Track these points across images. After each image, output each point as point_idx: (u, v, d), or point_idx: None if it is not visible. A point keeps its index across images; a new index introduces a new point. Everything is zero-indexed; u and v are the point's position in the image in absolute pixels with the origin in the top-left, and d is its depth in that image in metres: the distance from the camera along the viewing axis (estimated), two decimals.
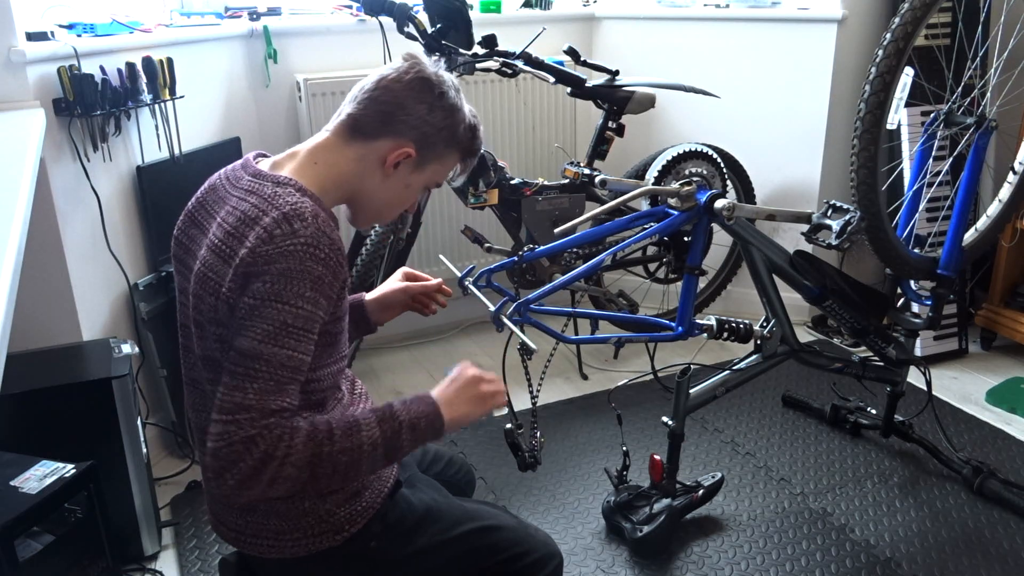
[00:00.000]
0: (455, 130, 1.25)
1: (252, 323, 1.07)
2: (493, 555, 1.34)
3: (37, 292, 2.02)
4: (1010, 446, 2.47)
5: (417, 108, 1.21)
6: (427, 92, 1.21)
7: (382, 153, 1.21)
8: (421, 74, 1.21)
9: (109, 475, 1.84)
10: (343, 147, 1.22)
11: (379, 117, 1.20)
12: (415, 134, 1.22)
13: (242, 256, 1.08)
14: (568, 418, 2.66)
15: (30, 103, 1.93)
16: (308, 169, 1.20)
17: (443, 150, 1.25)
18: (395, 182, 1.24)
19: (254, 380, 1.06)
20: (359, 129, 1.21)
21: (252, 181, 1.18)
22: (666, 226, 1.99)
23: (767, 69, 3.10)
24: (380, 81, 1.22)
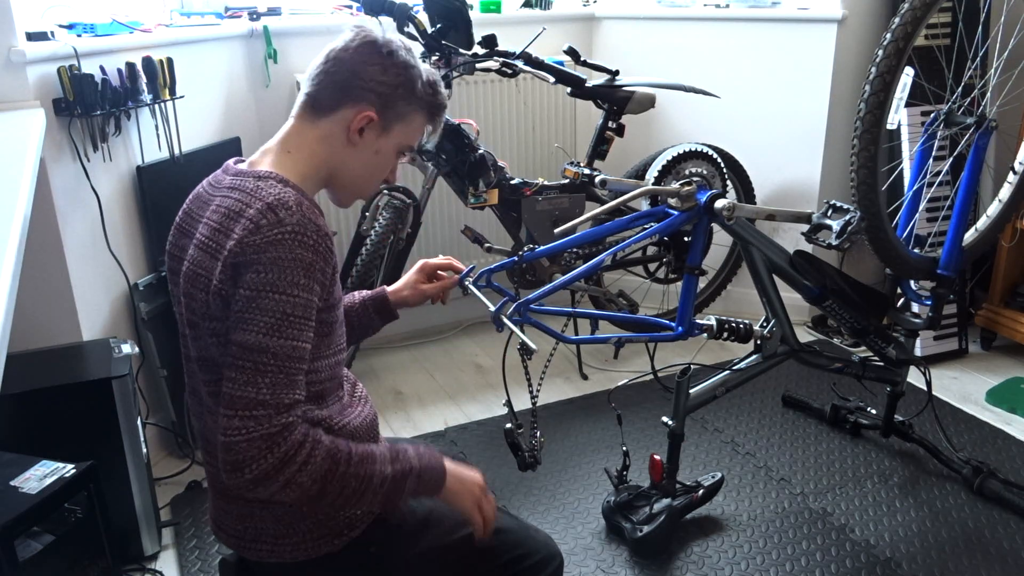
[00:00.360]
0: (412, 86, 1.23)
1: (252, 315, 1.07)
2: (495, 558, 1.34)
3: (37, 292, 2.02)
4: (1010, 446, 2.47)
5: (369, 70, 1.20)
6: (376, 54, 1.20)
7: (345, 123, 1.21)
8: (367, 38, 1.21)
9: (109, 475, 1.84)
10: (309, 128, 1.22)
11: (335, 88, 1.20)
12: (372, 96, 1.21)
13: (230, 248, 1.09)
14: (568, 418, 2.66)
15: (30, 103, 1.93)
16: (284, 159, 1.21)
17: (405, 108, 1.24)
18: (364, 150, 1.24)
19: (264, 374, 1.06)
20: (318, 106, 1.21)
21: (233, 179, 1.19)
22: (666, 226, 1.99)
23: (767, 69, 3.10)
24: (329, 54, 1.22)
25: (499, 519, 1.39)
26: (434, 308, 3.32)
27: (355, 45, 1.21)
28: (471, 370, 3.01)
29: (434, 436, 2.57)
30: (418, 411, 2.71)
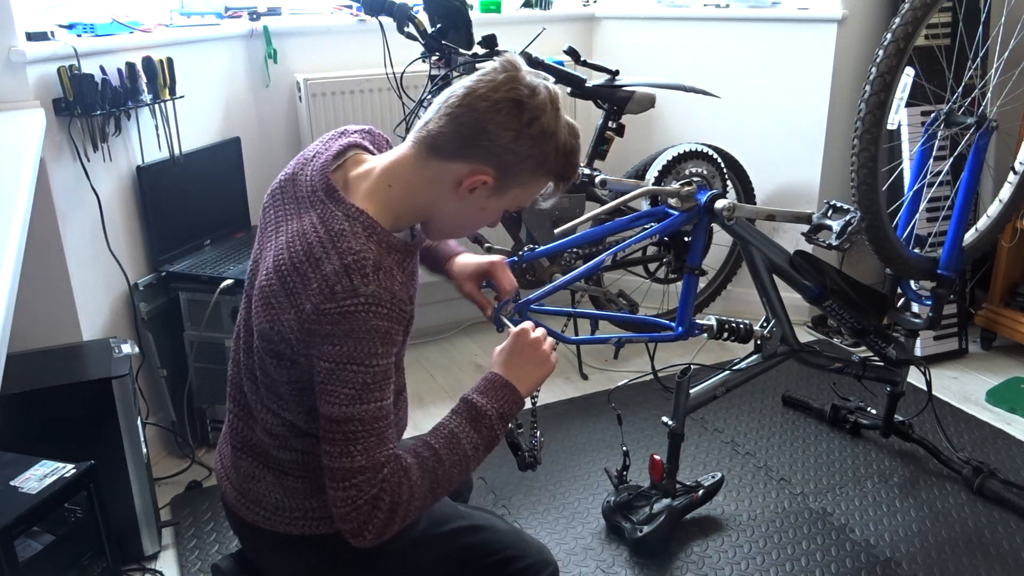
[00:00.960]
0: (544, 158, 1.14)
1: (333, 387, 1.08)
2: (486, 555, 1.34)
3: (37, 292, 2.02)
4: (1010, 446, 2.47)
5: (501, 135, 1.10)
6: (515, 117, 1.10)
7: (458, 176, 1.13)
8: (513, 93, 1.10)
9: (109, 475, 1.84)
10: (419, 166, 1.15)
11: (458, 139, 1.11)
12: (495, 161, 1.12)
13: (308, 312, 1.08)
14: (568, 418, 2.66)
15: (30, 103, 1.93)
16: (381, 193, 1.15)
17: (527, 176, 1.16)
18: (470, 206, 1.17)
19: (355, 442, 1.09)
20: (436, 148, 1.13)
21: (324, 204, 1.14)
22: (666, 226, 1.99)
23: (767, 69, 3.10)
24: (466, 96, 1.11)
25: (491, 520, 1.40)
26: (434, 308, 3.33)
27: (497, 97, 1.10)
28: (471, 370, 3.01)
29: None
30: (418, 411, 2.71)
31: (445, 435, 1.17)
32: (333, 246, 1.09)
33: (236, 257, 2.47)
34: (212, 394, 2.40)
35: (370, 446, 1.09)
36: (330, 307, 1.06)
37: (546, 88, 1.13)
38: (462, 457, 1.16)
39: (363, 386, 1.08)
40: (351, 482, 1.08)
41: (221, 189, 2.65)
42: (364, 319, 1.06)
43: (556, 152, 1.15)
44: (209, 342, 2.34)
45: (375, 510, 1.09)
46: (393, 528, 1.11)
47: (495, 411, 1.19)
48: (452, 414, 1.20)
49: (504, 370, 1.24)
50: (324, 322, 1.07)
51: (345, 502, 1.09)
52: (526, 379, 1.24)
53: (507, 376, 1.23)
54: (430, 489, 1.14)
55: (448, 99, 1.13)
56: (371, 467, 1.09)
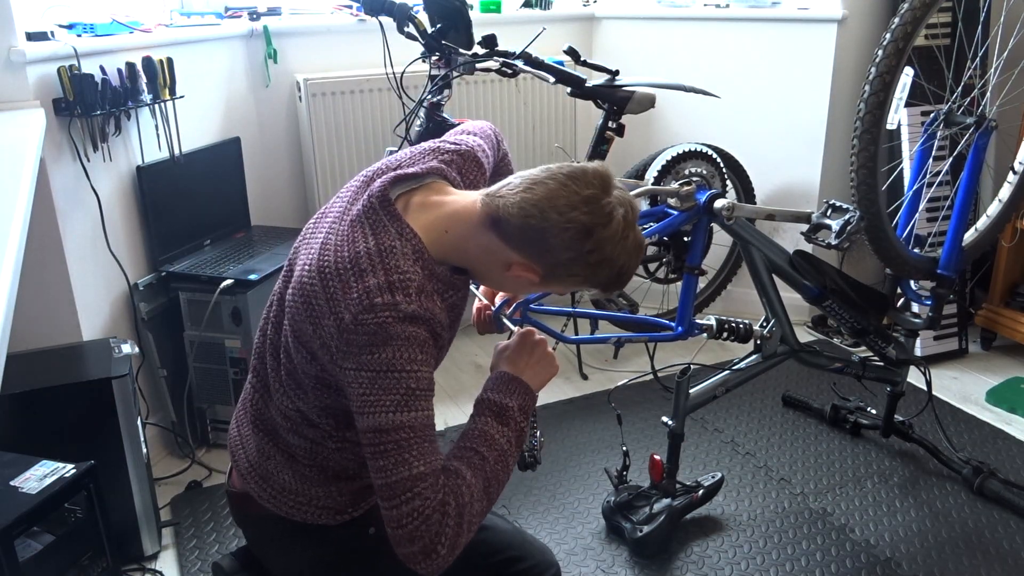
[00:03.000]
0: (593, 279, 1.16)
1: (377, 398, 1.06)
2: (489, 555, 1.34)
3: (37, 292, 2.02)
4: (1010, 446, 2.47)
5: (561, 253, 1.11)
6: (580, 242, 1.10)
7: (509, 260, 1.15)
8: (587, 219, 1.09)
9: (109, 475, 1.84)
10: (479, 229, 1.15)
11: (522, 235, 1.11)
12: (547, 268, 1.14)
13: (347, 322, 1.08)
14: (568, 418, 2.66)
15: (30, 103, 1.93)
16: (437, 232, 1.15)
17: (572, 284, 1.20)
18: (510, 283, 1.20)
19: (409, 449, 1.06)
20: (500, 228, 1.13)
21: (380, 216, 1.14)
22: (666, 226, 1.99)
23: (767, 69, 3.10)
24: (545, 199, 1.09)
25: (495, 521, 1.40)
26: None
27: (570, 216, 1.08)
28: (471, 370, 3.01)
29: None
30: None
31: (478, 435, 1.16)
32: (381, 261, 1.10)
33: (236, 257, 2.47)
34: (212, 394, 2.40)
35: (425, 452, 1.06)
36: (368, 318, 1.06)
37: (623, 216, 1.12)
38: (501, 453, 1.15)
39: (409, 392, 1.07)
40: (415, 491, 1.05)
41: (221, 189, 2.65)
42: (401, 328, 1.06)
43: (608, 276, 1.16)
44: (209, 342, 2.34)
45: (445, 517, 1.06)
46: (462, 539, 1.08)
47: (516, 405, 1.19)
48: (475, 417, 1.20)
49: (513, 368, 1.24)
50: (361, 332, 1.06)
51: (411, 516, 1.04)
52: (534, 378, 1.24)
53: (516, 374, 1.23)
54: (484, 489, 1.12)
55: (530, 190, 1.11)
56: (431, 473, 1.06)
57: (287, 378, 1.21)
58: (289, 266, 1.25)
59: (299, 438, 1.23)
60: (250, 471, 1.28)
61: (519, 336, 1.28)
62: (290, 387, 1.21)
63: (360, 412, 1.08)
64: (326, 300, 1.11)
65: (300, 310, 1.15)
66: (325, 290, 1.11)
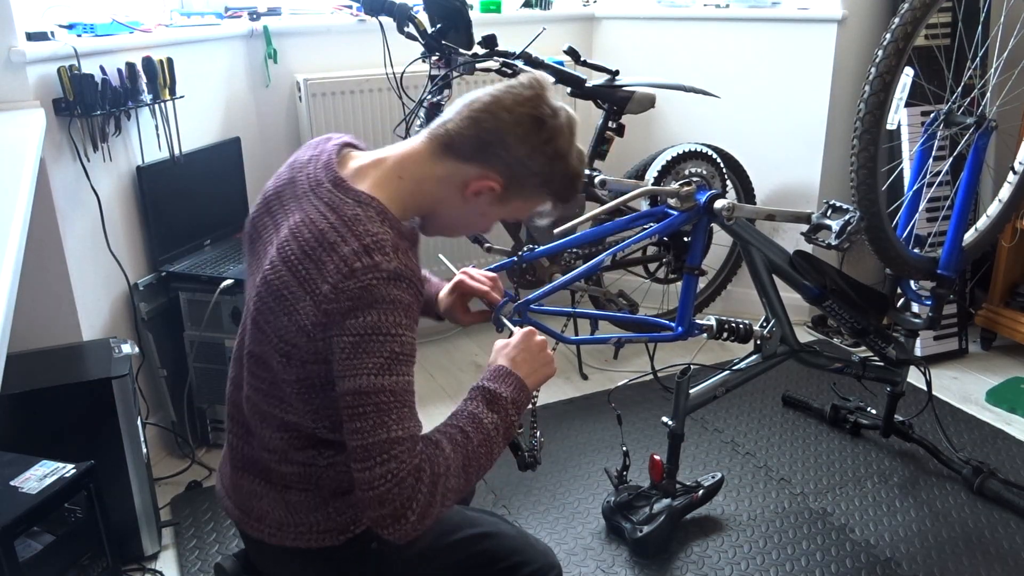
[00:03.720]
0: (551, 177, 1.18)
1: (360, 359, 1.05)
2: (493, 562, 1.34)
3: (37, 292, 2.02)
4: (1010, 446, 2.47)
5: (518, 147, 1.14)
6: (534, 134, 1.14)
7: (467, 178, 1.16)
8: (537, 111, 1.14)
9: (109, 475, 1.84)
10: (432, 162, 1.17)
11: (476, 143, 1.14)
12: (506, 170, 1.16)
13: (325, 292, 1.06)
14: (568, 418, 2.66)
15: (30, 103, 1.93)
16: (392, 184, 1.16)
17: (531, 191, 1.20)
18: (472, 209, 1.20)
19: (388, 412, 1.05)
20: (452, 147, 1.16)
21: (332, 193, 1.14)
22: (666, 226, 1.99)
23: (767, 69, 3.10)
24: (491, 104, 1.14)
25: (499, 525, 1.40)
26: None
27: (521, 111, 1.14)
28: (471, 370, 3.01)
29: None
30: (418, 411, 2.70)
31: (466, 416, 1.16)
32: (349, 230, 1.09)
33: (236, 257, 2.47)
34: (212, 394, 2.40)
35: (403, 417, 1.06)
36: (350, 284, 1.05)
37: (568, 114, 1.17)
38: (486, 437, 1.15)
39: (392, 356, 1.06)
40: (390, 453, 1.04)
41: (221, 189, 2.65)
42: (387, 291, 1.05)
43: (563, 174, 1.19)
44: (209, 342, 2.34)
45: (419, 483, 1.05)
46: (434, 509, 1.07)
47: (508, 395, 1.19)
48: (467, 401, 1.19)
49: (511, 364, 1.24)
50: (344, 299, 1.05)
51: (384, 478, 1.03)
52: (531, 377, 1.24)
53: (514, 370, 1.23)
54: (463, 466, 1.11)
55: (472, 103, 1.15)
56: (409, 438, 1.06)
57: (265, 401, 1.19)
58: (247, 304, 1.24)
59: (290, 464, 1.22)
60: (244, 519, 1.28)
61: (521, 335, 1.28)
62: (273, 407, 1.19)
63: (341, 376, 1.07)
64: (299, 284, 1.09)
65: (272, 308, 1.13)
66: (296, 276, 1.10)
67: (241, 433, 1.28)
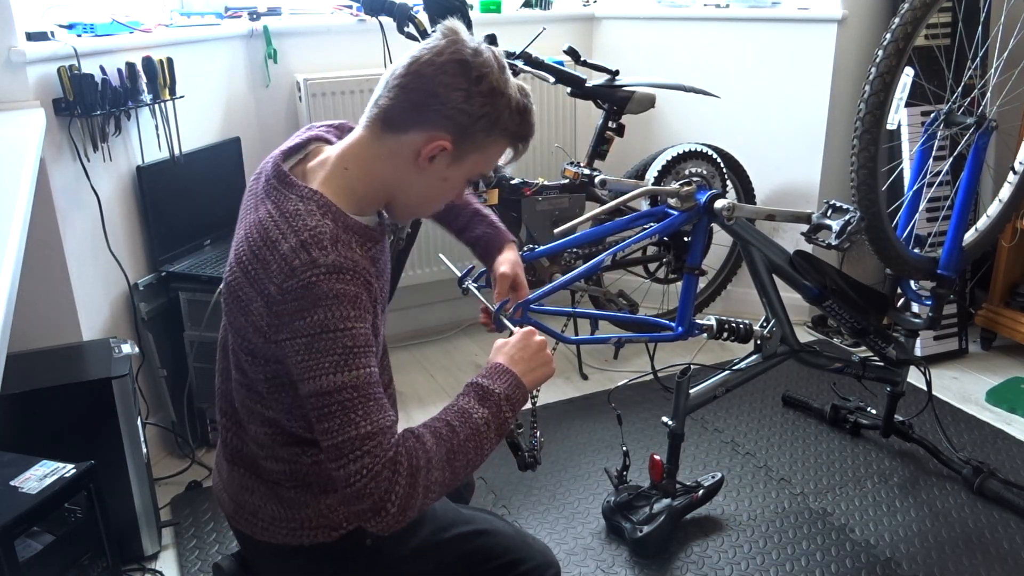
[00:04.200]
0: (497, 116, 1.12)
1: (315, 360, 1.04)
2: (488, 559, 1.34)
3: (37, 292, 2.02)
4: (1010, 446, 2.47)
5: (451, 96, 1.09)
6: (462, 76, 1.09)
7: (415, 147, 1.11)
8: (457, 55, 1.09)
9: (109, 475, 1.84)
10: (374, 143, 1.13)
11: (410, 107, 1.10)
12: (450, 124, 1.10)
13: (272, 294, 1.06)
14: (568, 418, 2.66)
15: (30, 103, 1.93)
16: (338, 177, 1.14)
17: (484, 138, 1.14)
18: (431, 177, 1.15)
19: (354, 409, 1.04)
20: (389, 122, 1.12)
21: (280, 190, 1.13)
22: (666, 226, 1.99)
23: (767, 69, 3.10)
24: (411, 65, 1.10)
25: (495, 523, 1.39)
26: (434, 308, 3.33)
27: (441, 61, 1.09)
28: (471, 370, 3.01)
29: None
30: (418, 411, 2.70)
31: (455, 411, 1.14)
32: (288, 226, 1.08)
33: None
34: (212, 394, 2.36)
35: (370, 410, 1.04)
36: (292, 283, 1.04)
37: (489, 49, 1.13)
38: (474, 431, 1.12)
39: (346, 351, 1.04)
40: (363, 449, 1.02)
41: (221, 189, 2.65)
42: (328, 286, 1.04)
43: (509, 110, 1.14)
44: (209, 342, 2.34)
45: (395, 475, 1.03)
46: (415, 500, 1.05)
47: (502, 392, 1.17)
48: (458, 396, 1.18)
49: (509, 363, 1.22)
50: (289, 299, 1.05)
51: (359, 473, 1.02)
52: (529, 376, 1.23)
53: (511, 368, 1.22)
54: (447, 459, 1.09)
55: (394, 71, 1.12)
56: (379, 431, 1.04)
57: (248, 394, 1.20)
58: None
59: (277, 462, 1.22)
60: (237, 512, 1.28)
61: (520, 334, 1.27)
62: (254, 402, 1.20)
63: (301, 379, 1.06)
64: (250, 284, 1.09)
65: (232, 308, 1.14)
66: (247, 276, 1.10)
67: (231, 426, 1.28)
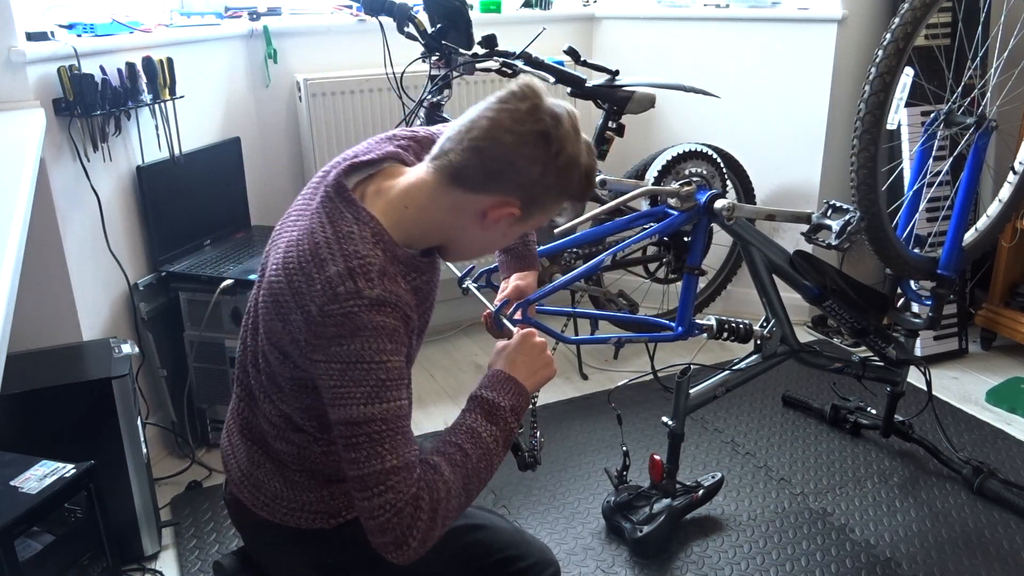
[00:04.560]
0: (568, 184, 1.14)
1: (347, 389, 1.05)
2: (488, 555, 1.34)
3: (37, 292, 2.02)
4: (1010, 446, 2.47)
5: (530, 168, 1.10)
6: (542, 150, 1.09)
7: (482, 207, 1.12)
8: (539, 125, 1.08)
9: (109, 475, 1.84)
10: (439, 193, 1.13)
11: (484, 172, 1.10)
12: (522, 193, 1.12)
13: (313, 313, 1.07)
14: (568, 418, 2.66)
15: (30, 103, 1.93)
16: (397, 212, 1.14)
17: (551, 203, 1.17)
18: (493, 233, 1.17)
19: (381, 443, 1.05)
20: (459, 179, 1.11)
21: (335, 205, 1.13)
22: (666, 226, 1.99)
23: (767, 69, 3.10)
24: (491, 129, 1.09)
25: (493, 520, 1.39)
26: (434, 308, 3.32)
27: (523, 131, 1.08)
28: (471, 370, 3.01)
29: (434, 436, 2.56)
30: (418, 411, 2.70)
31: (464, 431, 1.15)
32: (339, 248, 1.08)
33: (236, 257, 2.46)
34: (212, 394, 2.40)
35: (398, 444, 1.06)
36: (333, 308, 1.05)
37: (568, 114, 1.12)
38: (486, 451, 1.14)
39: (379, 384, 1.05)
40: (387, 484, 1.04)
41: (221, 189, 2.65)
42: (369, 318, 1.05)
43: (577, 178, 1.15)
44: (209, 342, 2.34)
45: (418, 511, 1.05)
46: (436, 532, 1.07)
47: (508, 404, 1.18)
48: (465, 412, 1.19)
49: (509, 368, 1.23)
50: (329, 324, 1.06)
51: (383, 508, 1.04)
52: (531, 379, 1.23)
53: (513, 374, 1.22)
54: (463, 486, 1.11)
55: (471, 130, 1.10)
56: (404, 467, 1.05)
57: (268, 382, 1.20)
58: (262, 271, 1.24)
59: (286, 444, 1.23)
60: (242, 480, 1.28)
61: (519, 336, 1.27)
62: (272, 391, 1.20)
63: (332, 404, 1.07)
64: (292, 295, 1.10)
65: (270, 309, 1.14)
66: (290, 286, 1.10)
67: (246, 398, 1.28)
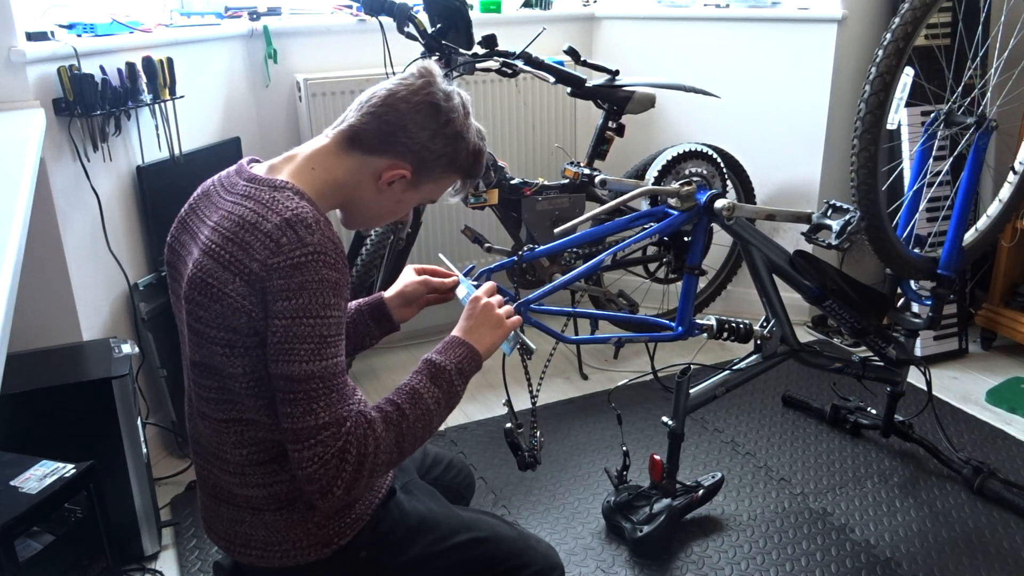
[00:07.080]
0: (456, 156, 1.25)
1: (291, 345, 1.09)
2: (490, 567, 1.33)
3: (37, 292, 2.02)
4: (1010, 446, 2.47)
5: (419, 133, 1.21)
6: (432, 118, 1.21)
7: (377, 169, 1.22)
8: (431, 97, 1.21)
9: (109, 475, 1.84)
10: (341, 155, 1.22)
11: (379, 135, 1.20)
12: (413, 157, 1.22)
13: (253, 270, 1.08)
14: (568, 418, 2.66)
15: (30, 103, 1.93)
16: (305, 174, 1.20)
17: (440, 173, 1.26)
18: (387, 197, 1.25)
19: (317, 399, 1.10)
20: (358, 141, 1.21)
21: (248, 186, 1.17)
22: (666, 226, 1.99)
23: (767, 69, 3.10)
24: (388, 97, 1.21)
25: (496, 528, 1.39)
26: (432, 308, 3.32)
27: (416, 100, 1.20)
28: None
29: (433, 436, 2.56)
30: None
31: (407, 392, 1.20)
32: (267, 208, 1.12)
33: None
34: None
35: (332, 402, 1.10)
36: (278, 261, 1.08)
37: (460, 96, 1.25)
38: (425, 412, 1.19)
39: (321, 340, 1.09)
40: (316, 439, 1.09)
41: None
42: (315, 269, 1.08)
43: (466, 152, 1.26)
44: None
45: (343, 463, 1.10)
46: (361, 483, 1.12)
47: (453, 366, 1.25)
48: (413, 373, 1.24)
49: (462, 332, 1.31)
50: (275, 277, 1.08)
51: (311, 460, 1.09)
52: (481, 340, 1.31)
53: (465, 337, 1.30)
54: (396, 443, 1.16)
55: (370, 99, 1.22)
56: (335, 422, 1.10)
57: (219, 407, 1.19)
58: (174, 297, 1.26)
59: (252, 488, 1.22)
60: (230, 545, 1.28)
61: (470, 301, 1.35)
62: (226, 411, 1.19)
63: (274, 359, 1.10)
64: (224, 269, 1.11)
65: (201, 303, 1.14)
66: (221, 263, 1.11)
67: (201, 462, 1.29)
